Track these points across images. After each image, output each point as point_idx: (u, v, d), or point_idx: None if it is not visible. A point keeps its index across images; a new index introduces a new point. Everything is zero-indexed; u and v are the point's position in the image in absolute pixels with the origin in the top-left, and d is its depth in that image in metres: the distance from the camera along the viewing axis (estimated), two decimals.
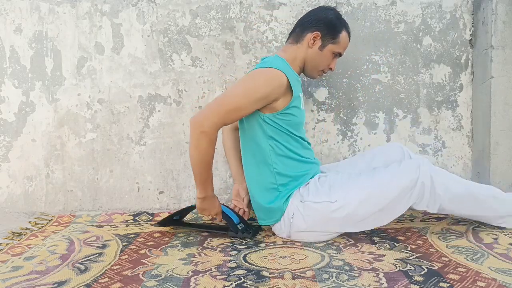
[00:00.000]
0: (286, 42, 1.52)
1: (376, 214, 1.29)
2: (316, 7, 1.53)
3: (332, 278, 1.02)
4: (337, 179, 1.38)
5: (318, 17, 1.43)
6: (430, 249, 1.23)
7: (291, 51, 1.46)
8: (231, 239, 1.40)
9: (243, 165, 1.49)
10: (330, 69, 1.50)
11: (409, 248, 1.24)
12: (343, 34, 1.44)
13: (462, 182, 1.34)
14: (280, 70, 1.32)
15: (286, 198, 1.36)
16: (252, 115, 1.36)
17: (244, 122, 1.41)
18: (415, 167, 1.27)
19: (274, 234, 1.44)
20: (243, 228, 1.43)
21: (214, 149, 1.31)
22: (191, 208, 1.54)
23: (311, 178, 1.41)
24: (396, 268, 1.08)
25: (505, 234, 1.33)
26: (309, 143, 1.49)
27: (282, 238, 1.40)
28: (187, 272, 1.09)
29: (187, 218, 1.66)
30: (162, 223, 1.55)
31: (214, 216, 1.45)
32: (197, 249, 1.30)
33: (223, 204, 1.48)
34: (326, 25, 1.42)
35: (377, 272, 1.05)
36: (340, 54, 1.48)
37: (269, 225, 1.45)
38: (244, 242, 1.37)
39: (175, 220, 1.56)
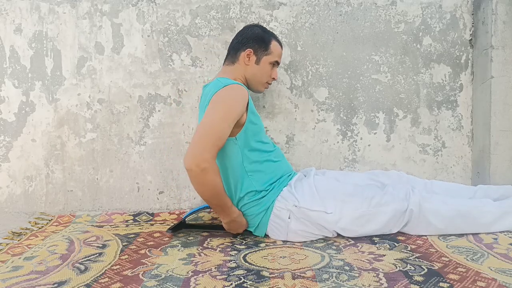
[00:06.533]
0: (223, 65, 1.56)
1: (367, 232, 1.36)
2: (243, 27, 1.57)
3: (332, 278, 1.02)
4: (334, 187, 1.42)
5: (246, 36, 1.50)
6: (430, 249, 1.23)
7: (230, 71, 1.50)
8: (231, 239, 1.40)
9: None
10: (273, 79, 1.56)
11: (409, 248, 1.24)
12: (273, 43, 1.51)
13: (454, 203, 1.36)
14: (240, 85, 1.37)
15: (270, 203, 1.38)
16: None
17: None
18: (405, 195, 1.35)
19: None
20: None
21: (220, 177, 1.30)
22: (199, 210, 1.55)
23: (287, 177, 1.44)
24: (396, 268, 1.08)
25: (505, 234, 1.33)
26: (274, 146, 1.51)
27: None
28: (187, 272, 1.09)
29: (189, 219, 1.65)
30: (174, 228, 1.50)
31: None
32: (197, 249, 1.30)
33: None
34: (254, 40, 1.49)
35: (377, 272, 1.05)
36: (277, 63, 1.54)
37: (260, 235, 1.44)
38: (244, 242, 1.37)
39: (188, 224, 1.55)
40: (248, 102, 1.37)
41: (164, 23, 1.84)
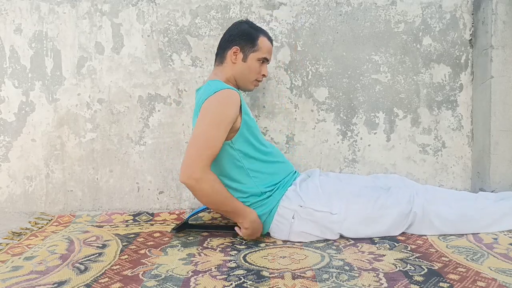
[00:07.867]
0: (214, 66, 1.54)
1: (372, 234, 1.36)
2: (231, 24, 1.53)
3: (332, 278, 1.02)
4: (340, 188, 1.42)
5: (233, 33, 1.46)
6: (430, 249, 1.23)
7: (220, 72, 1.47)
8: (231, 239, 1.40)
9: None
10: (263, 75, 1.50)
11: (409, 248, 1.24)
12: (261, 39, 1.45)
13: (458, 207, 1.37)
14: (231, 89, 1.34)
15: (275, 203, 1.38)
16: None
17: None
18: (409, 198, 1.36)
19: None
20: None
21: (220, 182, 1.29)
22: (201, 211, 1.55)
23: (291, 177, 1.44)
24: (396, 268, 1.08)
25: (505, 234, 1.33)
26: (272, 147, 1.49)
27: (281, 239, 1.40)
28: (187, 272, 1.09)
29: (191, 219, 1.65)
30: (178, 228, 1.51)
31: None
32: (197, 249, 1.30)
33: None
34: (241, 37, 1.44)
35: (377, 272, 1.05)
36: (266, 59, 1.48)
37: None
38: (244, 242, 1.37)
39: (190, 224, 1.55)
40: (241, 106, 1.35)
41: (164, 23, 1.84)
